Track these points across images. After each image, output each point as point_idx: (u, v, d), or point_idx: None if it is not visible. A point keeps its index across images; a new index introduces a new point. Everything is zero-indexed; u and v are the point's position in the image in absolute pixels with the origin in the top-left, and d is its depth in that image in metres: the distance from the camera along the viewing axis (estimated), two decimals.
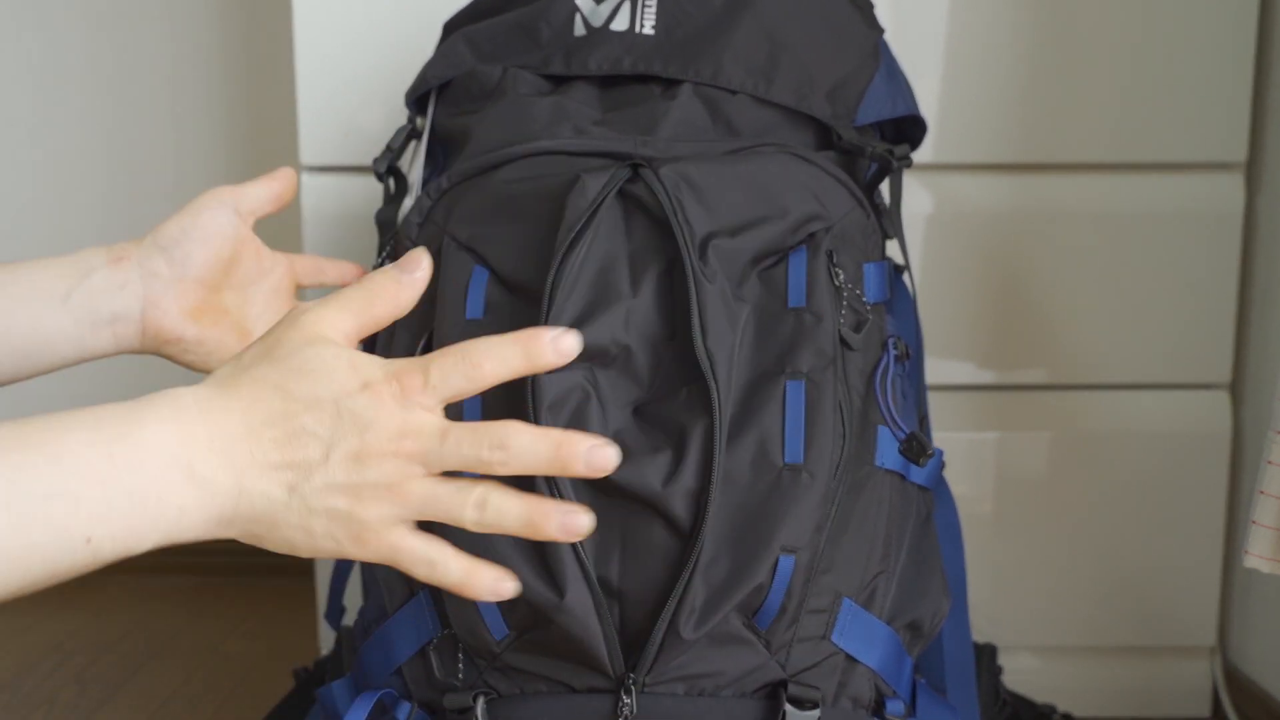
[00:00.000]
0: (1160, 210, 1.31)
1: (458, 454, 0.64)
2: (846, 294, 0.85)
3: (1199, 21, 1.28)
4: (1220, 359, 1.33)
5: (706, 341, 0.78)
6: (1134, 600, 1.36)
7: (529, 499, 0.65)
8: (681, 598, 0.75)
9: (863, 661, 0.81)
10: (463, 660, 0.80)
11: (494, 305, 0.83)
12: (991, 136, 1.30)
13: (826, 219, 0.86)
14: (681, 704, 0.78)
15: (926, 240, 1.31)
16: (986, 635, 1.32)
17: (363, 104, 1.30)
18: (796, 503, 0.77)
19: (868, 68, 0.96)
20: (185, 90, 1.78)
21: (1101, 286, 1.32)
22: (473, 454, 0.64)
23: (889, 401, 0.86)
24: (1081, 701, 1.36)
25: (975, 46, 1.29)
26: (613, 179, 0.82)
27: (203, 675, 1.50)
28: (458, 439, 0.64)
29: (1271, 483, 0.94)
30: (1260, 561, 0.95)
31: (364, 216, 1.31)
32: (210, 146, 1.79)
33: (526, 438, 0.64)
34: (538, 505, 0.65)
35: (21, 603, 1.50)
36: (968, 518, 1.05)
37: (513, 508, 0.65)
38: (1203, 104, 1.29)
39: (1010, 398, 1.34)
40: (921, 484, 0.89)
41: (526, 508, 0.65)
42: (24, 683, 1.48)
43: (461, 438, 0.64)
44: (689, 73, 0.93)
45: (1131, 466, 1.34)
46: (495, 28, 0.99)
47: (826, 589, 0.80)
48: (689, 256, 0.79)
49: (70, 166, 1.80)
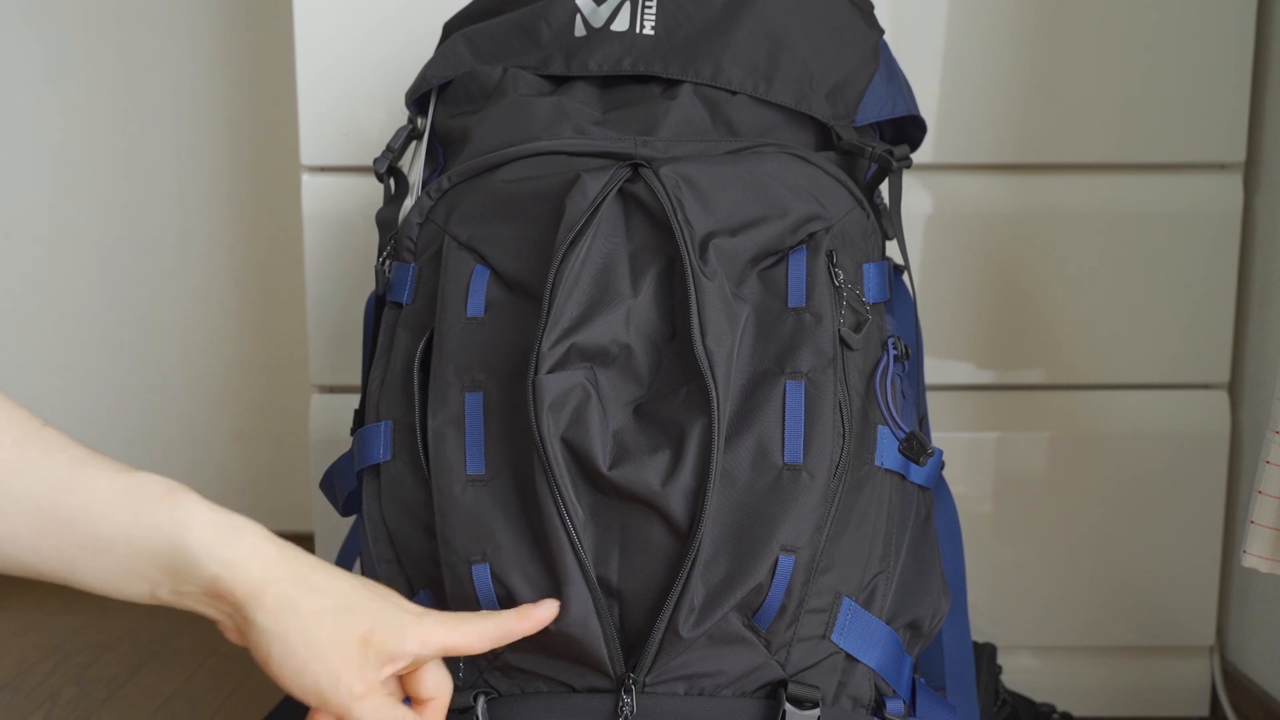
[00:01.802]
0: (1159, 210, 1.31)
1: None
2: (846, 294, 0.85)
3: (1198, 22, 1.28)
4: (1219, 359, 1.33)
5: (705, 340, 0.78)
6: (1133, 600, 1.36)
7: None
8: (680, 597, 0.76)
9: (862, 661, 0.81)
10: (463, 660, 0.80)
11: (495, 304, 0.83)
12: (991, 136, 1.30)
13: (826, 219, 0.86)
14: (682, 704, 0.78)
15: (926, 240, 1.31)
16: (986, 635, 1.33)
17: (363, 104, 1.30)
18: (796, 502, 0.77)
19: (867, 68, 0.96)
20: (185, 90, 1.78)
21: (1101, 286, 1.32)
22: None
23: (889, 401, 0.86)
24: (1080, 701, 1.36)
25: (975, 46, 1.29)
26: (613, 179, 0.82)
27: (203, 675, 1.50)
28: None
29: (1270, 483, 0.94)
30: (1259, 561, 0.95)
31: (364, 216, 1.31)
32: (210, 146, 1.80)
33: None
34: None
35: (22, 603, 1.50)
36: (967, 518, 1.05)
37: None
38: (1201, 105, 1.29)
39: (1010, 398, 1.35)
40: (921, 484, 0.89)
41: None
42: (25, 682, 1.48)
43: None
44: (689, 73, 0.93)
45: (1130, 466, 1.34)
46: (495, 28, 0.99)
47: (826, 589, 0.80)
48: (689, 256, 0.79)
49: (70, 166, 1.80)
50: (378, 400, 0.87)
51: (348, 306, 1.34)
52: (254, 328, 1.83)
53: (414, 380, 0.85)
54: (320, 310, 1.35)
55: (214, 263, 1.82)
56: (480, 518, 0.79)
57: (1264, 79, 1.30)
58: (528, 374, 0.77)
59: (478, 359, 0.82)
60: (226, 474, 1.86)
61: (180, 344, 1.84)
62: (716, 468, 0.76)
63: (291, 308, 1.80)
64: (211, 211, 1.81)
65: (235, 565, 0.68)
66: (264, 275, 1.82)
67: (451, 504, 0.79)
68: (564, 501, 0.76)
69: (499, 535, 0.78)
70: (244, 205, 1.81)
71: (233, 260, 1.82)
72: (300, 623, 0.69)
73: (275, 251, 1.81)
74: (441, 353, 0.83)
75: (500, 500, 0.79)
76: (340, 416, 1.20)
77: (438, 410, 0.82)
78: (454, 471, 0.80)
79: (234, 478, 1.86)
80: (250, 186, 1.80)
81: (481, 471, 0.80)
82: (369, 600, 0.71)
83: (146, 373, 1.85)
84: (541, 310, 0.79)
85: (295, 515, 1.85)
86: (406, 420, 0.84)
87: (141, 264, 1.82)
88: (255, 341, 1.83)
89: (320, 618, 0.69)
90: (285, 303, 1.81)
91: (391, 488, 0.84)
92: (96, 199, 1.81)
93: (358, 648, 0.69)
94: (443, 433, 0.81)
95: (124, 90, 1.78)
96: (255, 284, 1.83)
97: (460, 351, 0.82)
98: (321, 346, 1.35)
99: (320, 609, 0.69)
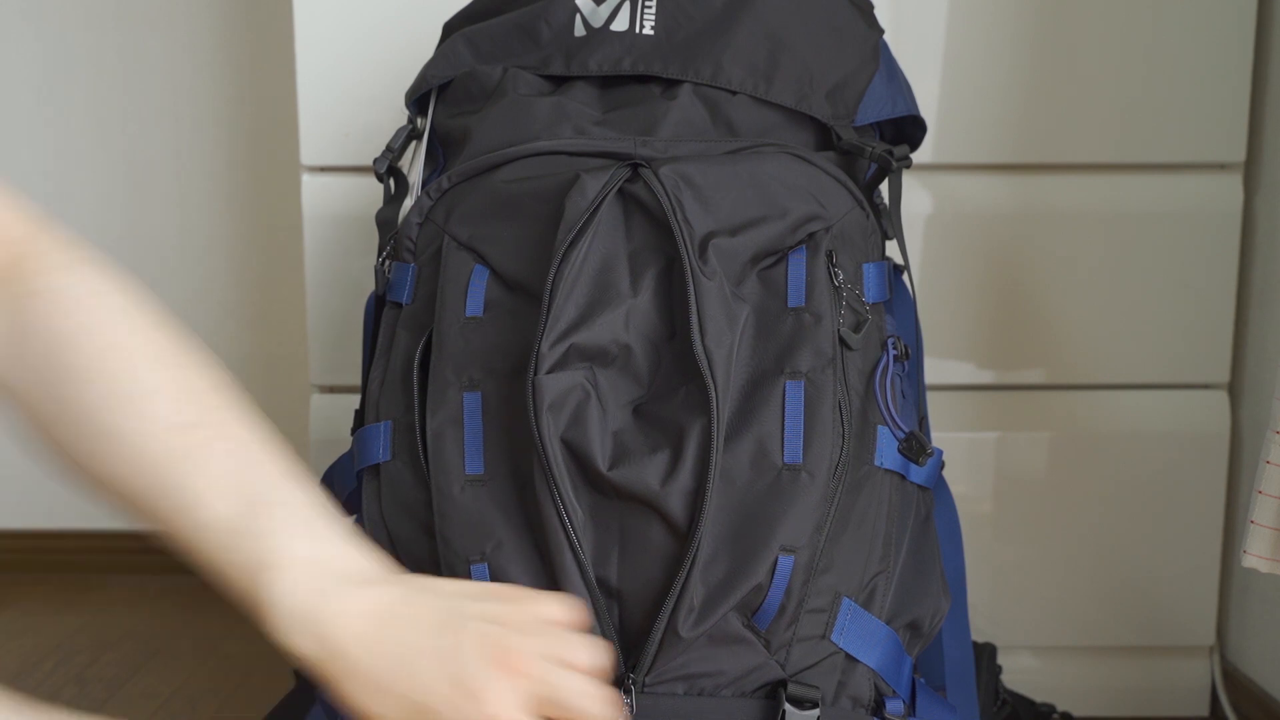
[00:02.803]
0: (1159, 210, 1.31)
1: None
2: (846, 294, 0.85)
3: (1198, 23, 1.28)
4: (1219, 359, 1.33)
5: (705, 340, 0.78)
6: (1133, 600, 1.36)
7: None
8: (680, 597, 0.75)
9: (862, 661, 0.81)
10: None
11: (494, 303, 0.83)
12: (991, 137, 1.30)
13: (826, 219, 0.86)
14: (681, 703, 0.78)
15: (926, 240, 1.31)
16: (986, 635, 1.33)
17: (363, 104, 1.30)
18: (795, 502, 0.77)
19: (867, 68, 0.96)
20: (185, 90, 1.78)
21: (1101, 286, 1.32)
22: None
23: (888, 401, 0.86)
24: (1081, 701, 1.36)
25: (975, 47, 1.29)
26: (612, 179, 0.82)
27: (203, 675, 1.50)
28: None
29: (1270, 483, 0.94)
30: (1259, 561, 0.95)
31: (364, 216, 1.31)
32: (210, 146, 1.79)
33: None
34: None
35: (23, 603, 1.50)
36: (967, 518, 1.05)
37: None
38: (1201, 105, 1.29)
39: (1010, 398, 1.35)
40: (921, 484, 0.89)
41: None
42: (25, 682, 1.48)
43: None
44: (689, 73, 0.93)
45: (1130, 466, 1.34)
46: (495, 28, 0.99)
47: (826, 589, 0.80)
48: (688, 256, 0.79)
49: (70, 166, 1.80)
50: (377, 400, 0.87)
51: (348, 306, 1.34)
52: (254, 328, 1.83)
53: (413, 380, 0.85)
54: (320, 310, 1.35)
55: (214, 263, 1.82)
56: (479, 517, 0.79)
57: (1264, 79, 1.30)
58: (527, 374, 0.77)
59: (477, 359, 0.82)
60: None
61: None
62: (716, 468, 0.76)
63: (291, 308, 1.80)
64: (211, 211, 1.81)
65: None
66: (264, 275, 1.82)
67: (450, 503, 0.79)
68: (563, 502, 0.76)
69: (498, 535, 0.78)
70: (244, 205, 1.81)
71: (233, 260, 1.82)
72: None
73: (275, 251, 1.81)
74: (441, 352, 0.83)
75: (499, 500, 0.79)
76: (340, 416, 1.20)
77: (437, 410, 0.82)
78: (453, 471, 0.80)
79: None
80: (250, 186, 1.80)
81: (480, 471, 0.80)
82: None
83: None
84: (541, 310, 0.79)
85: None
86: (406, 420, 0.84)
87: (141, 264, 1.82)
88: (255, 341, 1.83)
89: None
90: (285, 303, 1.81)
91: (391, 488, 0.84)
92: (96, 199, 1.81)
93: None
94: (441, 432, 0.81)
95: (124, 90, 1.78)
96: (255, 284, 1.83)
97: (459, 351, 0.82)
98: (321, 346, 1.35)
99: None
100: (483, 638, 0.64)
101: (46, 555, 1.85)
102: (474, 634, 0.65)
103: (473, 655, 0.64)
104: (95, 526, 1.86)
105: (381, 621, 0.66)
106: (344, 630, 0.66)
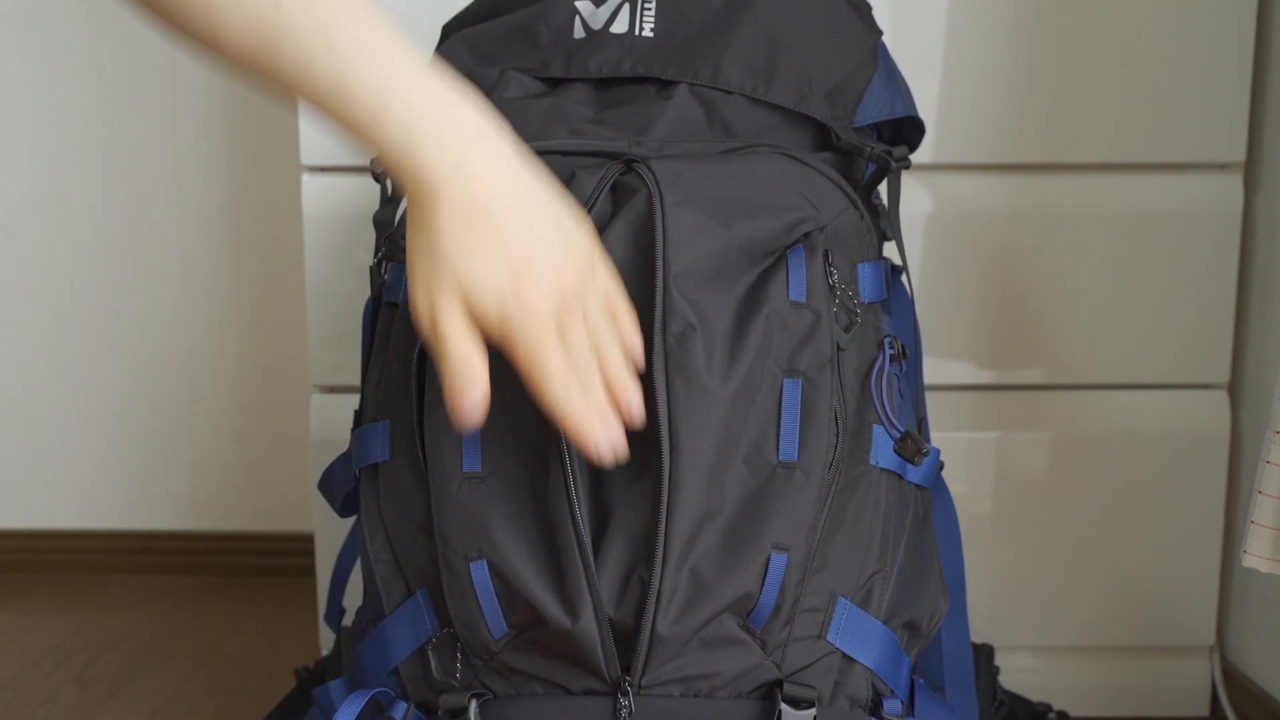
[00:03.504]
0: (1159, 210, 1.31)
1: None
2: (839, 294, 0.85)
3: (1198, 22, 1.28)
4: (1219, 359, 1.33)
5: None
6: (1132, 600, 1.36)
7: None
8: (659, 593, 0.75)
9: (859, 661, 0.81)
10: (460, 660, 0.80)
11: None
12: (991, 136, 1.30)
13: (819, 219, 0.86)
14: (677, 705, 0.78)
15: (926, 240, 1.31)
16: (985, 635, 1.33)
17: None
18: (789, 500, 0.77)
19: (866, 69, 0.96)
20: (185, 90, 1.78)
21: (1101, 286, 1.32)
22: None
23: (884, 401, 0.86)
24: (1080, 701, 1.36)
25: (975, 46, 1.29)
26: (605, 176, 0.82)
27: (203, 675, 1.50)
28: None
29: (1270, 483, 0.94)
30: (1259, 561, 0.95)
31: (364, 217, 1.31)
32: (210, 147, 1.80)
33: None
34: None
35: (23, 603, 1.51)
36: (966, 518, 1.05)
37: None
38: (1201, 105, 1.29)
39: (1010, 398, 1.35)
40: (919, 483, 0.89)
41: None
42: (25, 682, 1.48)
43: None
44: (688, 75, 0.93)
45: (1130, 466, 1.34)
46: (494, 30, 0.99)
47: (821, 588, 0.80)
48: (662, 256, 0.79)
49: (70, 166, 1.81)
50: (375, 400, 0.87)
51: (348, 306, 1.34)
52: (254, 328, 1.83)
53: (411, 379, 0.85)
54: (320, 310, 1.35)
55: (214, 263, 1.82)
56: (478, 514, 0.79)
57: (1264, 79, 1.30)
58: None
59: None
60: (226, 474, 1.86)
61: (180, 344, 1.84)
62: (672, 470, 0.76)
63: (291, 308, 1.81)
64: (211, 211, 1.81)
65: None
66: (264, 275, 1.82)
67: (449, 501, 0.79)
68: (578, 502, 0.76)
69: (496, 532, 0.78)
70: (244, 205, 1.81)
71: (233, 260, 1.82)
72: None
73: (275, 251, 1.81)
74: None
75: (497, 497, 0.79)
76: (340, 416, 1.20)
77: (434, 408, 0.82)
78: (451, 469, 0.80)
79: (233, 478, 1.86)
80: (250, 186, 1.80)
81: (478, 469, 0.80)
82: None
83: (146, 373, 1.85)
84: None
85: (295, 515, 1.85)
86: (404, 419, 0.84)
87: (141, 264, 1.82)
88: (255, 341, 1.84)
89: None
90: (285, 303, 1.81)
91: (390, 487, 0.84)
92: (96, 199, 1.81)
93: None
94: (439, 430, 0.81)
95: (124, 90, 1.79)
96: (255, 284, 1.83)
97: None
98: (321, 346, 1.35)
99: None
100: (585, 265, 0.64)
101: (46, 555, 1.85)
102: (583, 255, 0.64)
103: (571, 268, 0.63)
104: (95, 526, 1.86)
105: (518, 175, 0.61)
106: (483, 157, 0.60)
